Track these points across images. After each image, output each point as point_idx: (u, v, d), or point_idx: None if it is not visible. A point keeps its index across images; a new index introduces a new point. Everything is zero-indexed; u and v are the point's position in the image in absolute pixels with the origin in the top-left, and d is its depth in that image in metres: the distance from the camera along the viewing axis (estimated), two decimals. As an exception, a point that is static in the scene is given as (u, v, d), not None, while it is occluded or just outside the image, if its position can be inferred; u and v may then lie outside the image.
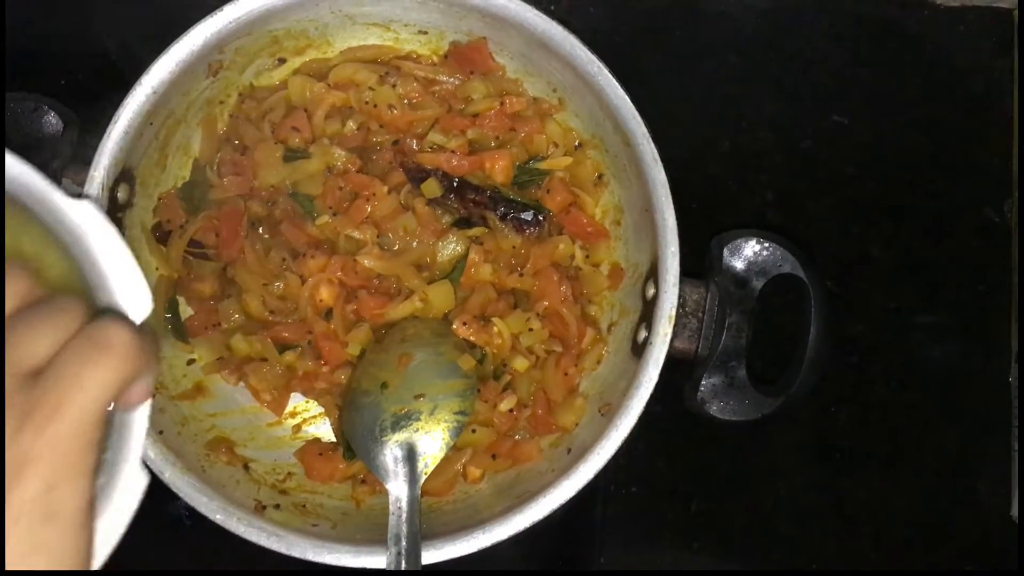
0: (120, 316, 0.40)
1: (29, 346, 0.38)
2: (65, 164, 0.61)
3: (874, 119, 0.77)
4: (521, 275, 0.66)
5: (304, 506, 0.64)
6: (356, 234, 0.64)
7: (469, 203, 0.66)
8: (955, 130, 0.77)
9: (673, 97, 0.76)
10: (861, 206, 0.77)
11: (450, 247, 0.66)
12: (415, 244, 0.65)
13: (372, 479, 0.65)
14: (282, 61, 0.68)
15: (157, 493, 0.58)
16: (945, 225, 0.77)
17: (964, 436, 0.76)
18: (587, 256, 0.69)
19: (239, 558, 0.67)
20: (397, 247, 0.66)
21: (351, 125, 0.67)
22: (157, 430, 0.60)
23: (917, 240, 0.77)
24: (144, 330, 0.40)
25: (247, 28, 0.62)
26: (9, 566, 0.35)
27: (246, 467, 0.64)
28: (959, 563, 0.75)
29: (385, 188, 0.65)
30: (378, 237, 0.65)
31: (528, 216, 0.66)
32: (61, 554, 0.36)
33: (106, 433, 0.42)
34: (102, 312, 0.43)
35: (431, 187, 0.65)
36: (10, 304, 0.39)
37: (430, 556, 0.59)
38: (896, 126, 0.77)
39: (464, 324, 0.65)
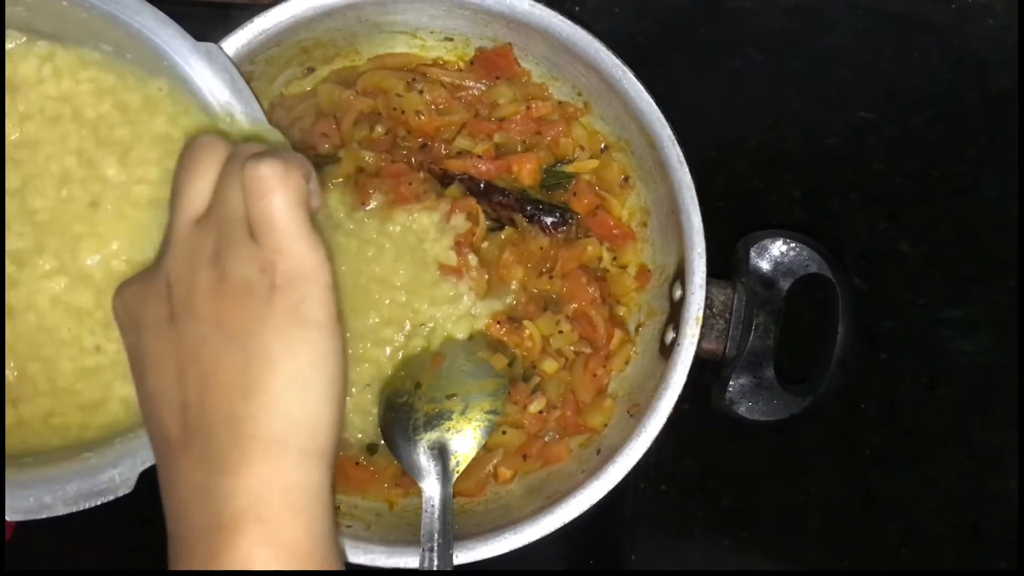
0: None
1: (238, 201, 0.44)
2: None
3: (901, 115, 0.77)
4: (551, 277, 0.67)
5: (338, 507, 0.65)
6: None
7: (496, 205, 0.67)
8: (983, 125, 0.77)
9: (698, 96, 0.76)
10: (888, 202, 0.77)
11: (483, 248, 0.67)
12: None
13: (405, 481, 0.66)
14: (311, 70, 0.69)
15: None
16: (973, 220, 0.77)
17: (995, 432, 0.76)
18: (614, 258, 0.69)
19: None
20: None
21: (379, 130, 0.68)
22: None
23: (945, 236, 0.76)
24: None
25: (276, 39, 0.63)
26: (282, 363, 0.42)
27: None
28: (991, 560, 0.75)
29: (421, 174, 0.66)
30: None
31: (555, 216, 0.67)
32: (321, 350, 0.43)
33: None
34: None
35: (454, 191, 0.66)
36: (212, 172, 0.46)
37: (463, 556, 0.60)
38: (923, 121, 0.77)
39: (498, 324, 0.65)
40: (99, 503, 0.54)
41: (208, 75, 0.57)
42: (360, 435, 0.65)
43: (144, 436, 0.54)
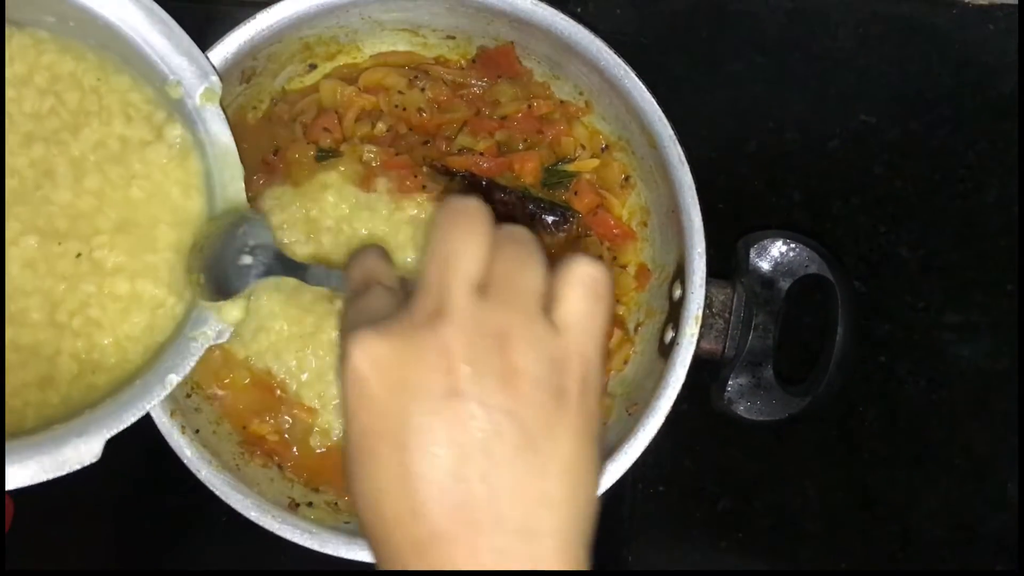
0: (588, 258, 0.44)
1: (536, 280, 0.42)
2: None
3: (902, 118, 0.77)
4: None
5: (336, 504, 0.65)
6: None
7: (498, 203, 0.67)
8: (984, 129, 0.77)
9: (699, 98, 0.77)
10: (888, 206, 0.77)
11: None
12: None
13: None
14: (313, 67, 0.69)
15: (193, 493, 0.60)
16: (973, 224, 0.77)
17: (994, 435, 0.76)
18: (614, 257, 0.69)
19: (267, 558, 0.69)
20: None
21: (381, 127, 0.68)
22: (193, 429, 0.61)
23: (945, 239, 0.77)
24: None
25: (279, 35, 0.63)
26: (582, 480, 0.41)
27: (280, 467, 0.66)
28: (989, 563, 0.75)
29: (424, 169, 0.66)
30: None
31: (556, 215, 0.67)
32: (597, 472, 0.42)
33: None
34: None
35: (456, 188, 0.66)
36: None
37: (460, 553, 0.59)
38: (924, 125, 0.77)
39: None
40: (65, 473, 0.54)
41: (141, 26, 0.57)
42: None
43: (111, 405, 0.55)
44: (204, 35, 0.61)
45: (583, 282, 0.42)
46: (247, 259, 0.58)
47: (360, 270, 0.48)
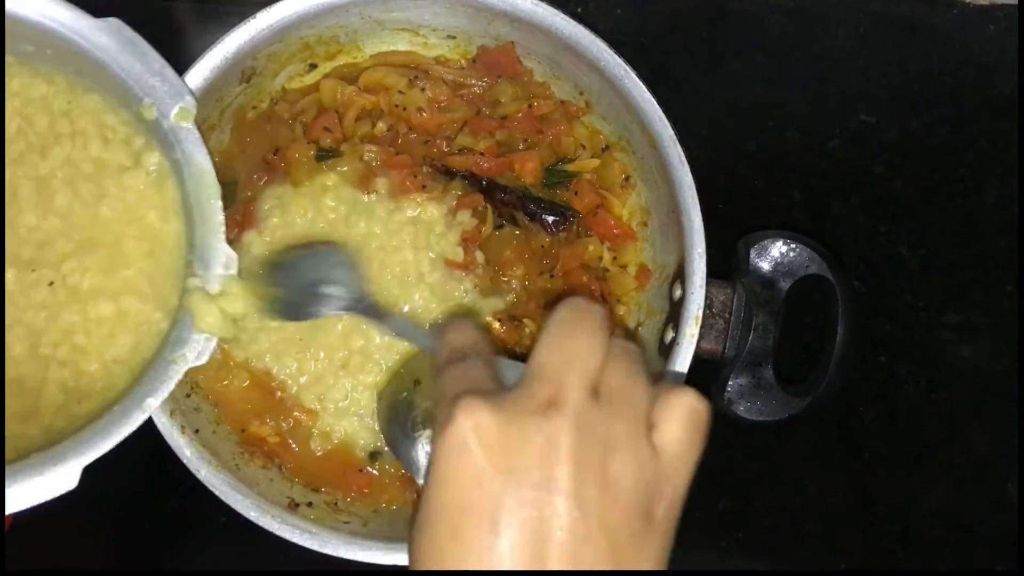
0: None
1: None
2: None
3: (902, 118, 0.77)
4: (552, 276, 0.67)
5: (335, 503, 0.65)
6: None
7: (498, 203, 0.67)
8: (984, 129, 0.77)
9: (700, 98, 0.77)
10: (888, 206, 0.77)
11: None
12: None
13: (405, 479, 0.66)
14: (313, 67, 0.69)
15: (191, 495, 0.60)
16: (973, 224, 0.77)
17: (994, 436, 0.76)
18: (614, 257, 0.69)
19: (267, 558, 0.69)
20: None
21: (381, 127, 0.68)
22: (193, 429, 0.61)
23: (945, 239, 0.77)
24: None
25: (279, 35, 0.63)
26: (659, 558, 0.41)
27: (280, 467, 0.66)
28: (989, 563, 0.75)
29: (425, 168, 0.66)
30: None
31: (557, 215, 0.67)
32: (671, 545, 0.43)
33: None
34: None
35: (457, 188, 0.66)
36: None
37: (459, 554, 0.59)
38: (924, 125, 0.77)
39: (498, 322, 0.65)
40: (40, 502, 0.53)
41: (113, 49, 0.56)
42: (362, 442, 0.66)
43: (89, 432, 0.54)
44: (204, 35, 0.61)
45: (687, 414, 0.42)
46: (333, 290, 0.59)
47: (461, 337, 0.48)
